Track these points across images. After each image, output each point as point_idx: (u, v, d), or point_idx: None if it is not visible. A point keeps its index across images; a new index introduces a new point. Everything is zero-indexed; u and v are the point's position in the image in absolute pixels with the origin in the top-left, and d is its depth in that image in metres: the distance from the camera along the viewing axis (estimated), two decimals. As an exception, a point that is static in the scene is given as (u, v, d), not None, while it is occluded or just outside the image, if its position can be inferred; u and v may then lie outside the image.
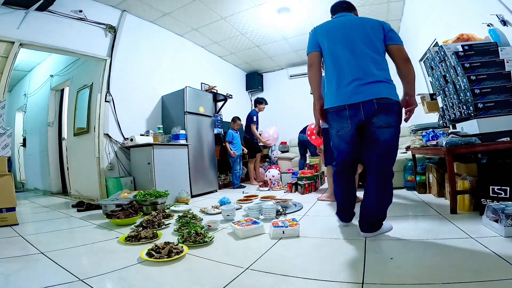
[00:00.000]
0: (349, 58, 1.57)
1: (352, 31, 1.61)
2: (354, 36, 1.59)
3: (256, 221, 1.85)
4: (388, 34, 1.60)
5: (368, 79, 1.51)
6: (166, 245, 1.41)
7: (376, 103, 1.47)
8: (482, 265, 1.08)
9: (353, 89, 1.52)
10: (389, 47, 1.60)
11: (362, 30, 1.59)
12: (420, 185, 2.85)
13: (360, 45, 1.56)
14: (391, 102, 1.49)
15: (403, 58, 1.57)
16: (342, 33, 1.62)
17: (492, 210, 1.49)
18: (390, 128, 1.50)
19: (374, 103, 1.47)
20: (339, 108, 1.57)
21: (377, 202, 1.53)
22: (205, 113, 4.04)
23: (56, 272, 1.24)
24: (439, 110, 2.79)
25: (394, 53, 1.60)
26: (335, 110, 1.60)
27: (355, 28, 1.61)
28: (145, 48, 3.96)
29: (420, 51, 3.58)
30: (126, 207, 2.40)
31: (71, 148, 4.12)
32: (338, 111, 1.58)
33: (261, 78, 6.75)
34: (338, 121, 1.61)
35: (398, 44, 1.60)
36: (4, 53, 2.67)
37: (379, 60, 1.55)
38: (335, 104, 1.59)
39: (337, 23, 1.71)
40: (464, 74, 2.05)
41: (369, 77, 1.51)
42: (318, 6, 3.93)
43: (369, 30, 1.59)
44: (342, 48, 1.60)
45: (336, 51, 1.62)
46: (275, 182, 4.14)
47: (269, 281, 1.10)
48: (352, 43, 1.58)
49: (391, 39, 1.60)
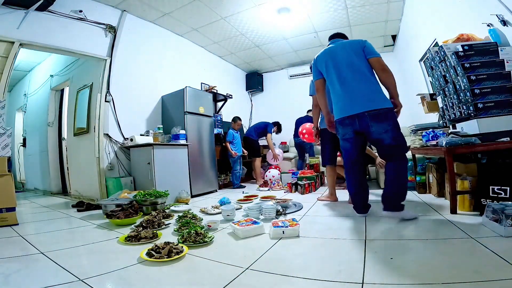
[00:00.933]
0: (341, 79, 1.96)
1: (338, 56, 2.00)
2: (340, 60, 1.98)
3: (256, 221, 1.85)
4: (365, 50, 1.94)
5: (358, 95, 1.88)
6: (166, 245, 1.41)
7: (368, 115, 1.84)
8: (482, 265, 1.08)
9: (349, 104, 1.91)
10: (369, 60, 1.93)
11: (345, 53, 1.98)
12: (420, 185, 2.85)
13: (345, 67, 1.95)
14: (383, 111, 1.83)
15: (381, 68, 1.90)
16: (332, 59, 2.02)
17: (492, 210, 1.49)
18: (388, 132, 1.84)
19: (366, 115, 1.84)
20: (341, 118, 1.99)
21: (394, 185, 1.87)
22: (205, 113, 4.04)
23: (56, 272, 1.24)
24: (439, 110, 2.78)
25: (374, 64, 1.92)
26: (339, 120, 2.01)
27: (340, 52, 2.00)
28: (145, 48, 3.96)
29: (420, 51, 3.58)
30: (126, 207, 2.40)
31: (71, 148, 4.12)
32: (341, 121, 2.00)
33: (261, 78, 6.75)
34: (342, 128, 2.02)
35: (376, 57, 1.92)
36: (4, 53, 2.67)
37: (365, 75, 1.90)
38: (338, 116, 2.01)
39: (327, 51, 2.09)
40: (464, 74, 2.05)
41: (358, 93, 1.88)
42: (318, 6, 3.93)
43: (350, 51, 1.96)
44: (334, 72, 2.00)
45: (330, 75, 2.03)
46: (275, 182, 4.14)
47: (269, 281, 1.10)
48: (339, 66, 1.97)
49: (369, 53, 1.93)
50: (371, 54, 1.92)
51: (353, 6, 3.92)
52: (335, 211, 2.39)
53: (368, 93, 1.86)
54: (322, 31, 4.70)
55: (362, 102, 1.85)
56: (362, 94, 1.87)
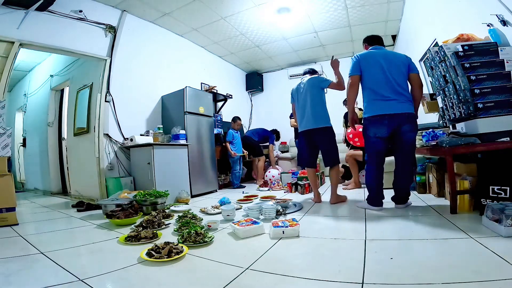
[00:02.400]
0: (386, 83, 2.16)
1: (387, 62, 2.19)
2: (389, 66, 2.18)
3: (256, 221, 1.85)
4: (410, 65, 2.23)
5: (401, 99, 2.15)
6: (166, 245, 1.41)
7: (406, 115, 2.14)
8: (482, 265, 1.08)
9: (391, 104, 2.13)
10: (412, 75, 2.23)
11: (395, 62, 2.19)
12: (420, 185, 2.85)
13: (394, 72, 2.17)
14: (413, 115, 2.19)
15: (419, 84, 2.25)
16: (383, 62, 2.19)
17: (492, 210, 1.49)
18: (413, 132, 2.18)
19: (405, 115, 2.14)
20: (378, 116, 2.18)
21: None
22: (205, 113, 4.04)
23: (56, 272, 1.24)
24: (439, 110, 2.78)
25: (414, 79, 2.24)
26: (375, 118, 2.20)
27: (390, 59, 2.21)
28: (145, 48, 3.96)
29: (420, 51, 3.57)
30: (126, 207, 2.40)
31: (71, 148, 4.12)
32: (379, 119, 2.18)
33: (261, 78, 6.75)
34: (375, 126, 2.20)
35: (417, 73, 2.24)
36: (4, 53, 2.67)
37: (404, 85, 2.20)
38: (375, 113, 2.19)
39: (377, 54, 2.25)
40: (464, 74, 2.05)
41: (402, 97, 2.16)
42: (318, 6, 3.93)
43: (399, 62, 2.20)
44: (381, 74, 2.18)
45: (377, 75, 2.19)
46: (275, 182, 4.14)
47: (269, 281, 1.10)
48: (388, 72, 2.17)
49: (412, 69, 2.23)
50: (415, 70, 2.24)
51: (353, 6, 3.92)
52: (335, 211, 2.39)
53: (406, 100, 2.18)
54: (322, 31, 4.70)
55: (402, 105, 2.16)
56: (404, 98, 2.18)
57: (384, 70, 2.16)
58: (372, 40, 2.40)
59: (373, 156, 2.26)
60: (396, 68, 2.17)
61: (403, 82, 2.18)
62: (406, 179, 2.22)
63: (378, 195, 2.25)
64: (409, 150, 2.21)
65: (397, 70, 2.17)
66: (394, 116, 2.13)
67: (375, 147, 2.25)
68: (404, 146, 2.18)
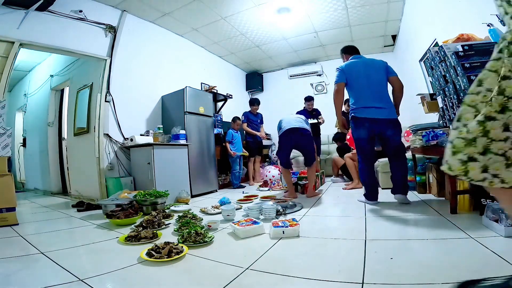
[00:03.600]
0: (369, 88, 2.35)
1: (368, 69, 2.39)
2: (370, 73, 2.38)
3: (256, 221, 1.85)
4: (388, 69, 2.44)
5: (381, 105, 2.34)
6: (166, 245, 1.41)
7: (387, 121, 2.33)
8: (482, 265, 1.08)
9: (371, 111, 2.32)
10: (390, 78, 2.43)
11: (374, 69, 2.40)
12: (420, 185, 2.84)
13: (375, 79, 2.38)
14: (395, 120, 2.38)
15: (400, 86, 2.46)
16: (364, 70, 2.39)
17: (492, 210, 1.49)
18: (397, 135, 2.39)
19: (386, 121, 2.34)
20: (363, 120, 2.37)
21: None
22: (205, 113, 4.04)
23: (56, 272, 1.24)
24: (439, 110, 2.78)
25: (394, 82, 2.45)
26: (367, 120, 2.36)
27: (370, 66, 2.41)
28: (145, 48, 3.97)
29: (420, 51, 3.58)
30: (126, 207, 2.40)
31: (71, 148, 4.12)
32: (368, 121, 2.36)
33: (261, 78, 6.75)
34: (358, 128, 2.38)
35: (395, 76, 2.44)
36: (4, 53, 2.67)
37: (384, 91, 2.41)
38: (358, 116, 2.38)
39: (359, 64, 2.44)
40: (464, 74, 2.05)
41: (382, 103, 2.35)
42: (318, 6, 3.93)
43: (378, 68, 2.40)
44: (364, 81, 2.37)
45: (360, 84, 2.39)
46: (275, 182, 4.14)
47: (269, 281, 1.10)
48: (369, 78, 2.37)
49: (391, 72, 2.43)
50: (392, 73, 2.44)
51: (353, 6, 3.92)
52: (335, 211, 2.39)
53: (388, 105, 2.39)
54: (322, 31, 4.70)
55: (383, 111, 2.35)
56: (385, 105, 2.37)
57: (366, 78, 2.37)
58: (351, 50, 2.61)
59: (361, 156, 2.45)
60: (376, 75, 2.39)
61: (384, 89, 2.40)
62: (401, 171, 2.41)
63: (372, 191, 2.42)
64: (398, 150, 2.41)
65: (377, 76, 2.39)
66: (375, 121, 2.32)
67: (361, 147, 2.43)
68: (392, 148, 2.40)
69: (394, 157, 2.43)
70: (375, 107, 2.33)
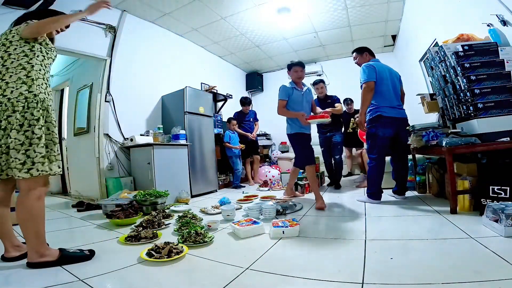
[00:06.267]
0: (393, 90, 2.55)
1: (391, 75, 2.60)
2: (393, 78, 2.60)
3: (256, 221, 1.85)
4: (401, 80, 2.71)
5: (401, 106, 2.61)
6: (166, 245, 1.41)
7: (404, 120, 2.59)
8: (482, 265, 1.08)
9: (397, 110, 2.51)
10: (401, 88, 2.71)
11: (394, 75, 2.63)
12: (420, 185, 2.85)
13: (396, 84, 2.61)
14: (407, 119, 2.65)
15: (403, 94, 2.74)
16: (389, 74, 2.57)
17: (492, 210, 1.49)
18: (407, 133, 2.63)
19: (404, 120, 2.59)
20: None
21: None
22: (205, 113, 4.04)
23: (56, 272, 1.24)
24: (439, 110, 2.79)
25: (402, 91, 2.72)
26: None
27: (392, 73, 2.62)
28: (145, 48, 3.96)
29: (420, 51, 3.58)
30: (126, 207, 2.40)
31: (71, 148, 4.12)
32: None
33: (261, 78, 6.75)
34: (385, 127, 2.46)
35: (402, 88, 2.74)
36: (4, 53, 2.67)
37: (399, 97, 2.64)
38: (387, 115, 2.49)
39: (385, 67, 2.61)
40: (464, 74, 2.05)
41: (400, 104, 2.60)
42: (318, 6, 3.93)
43: (396, 77, 2.65)
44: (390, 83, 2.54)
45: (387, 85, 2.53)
46: (275, 182, 4.14)
47: (269, 281, 1.10)
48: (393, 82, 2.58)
49: (401, 84, 2.72)
50: (402, 85, 2.74)
51: (353, 6, 3.92)
52: (335, 211, 2.39)
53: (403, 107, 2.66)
54: (322, 31, 4.70)
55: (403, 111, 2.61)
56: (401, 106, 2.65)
57: (391, 81, 2.54)
58: (372, 53, 2.73)
59: (379, 154, 2.50)
60: (397, 81, 2.62)
61: (399, 93, 2.63)
62: (406, 170, 2.67)
63: (380, 191, 2.54)
64: (406, 147, 2.66)
65: (397, 82, 2.62)
66: (398, 120, 2.50)
67: (382, 146, 2.49)
68: (402, 145, 2.60)
69: (401, 157, 2.61)
70: (398, 108, 2.53)
